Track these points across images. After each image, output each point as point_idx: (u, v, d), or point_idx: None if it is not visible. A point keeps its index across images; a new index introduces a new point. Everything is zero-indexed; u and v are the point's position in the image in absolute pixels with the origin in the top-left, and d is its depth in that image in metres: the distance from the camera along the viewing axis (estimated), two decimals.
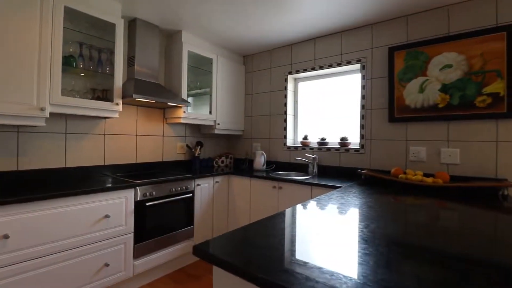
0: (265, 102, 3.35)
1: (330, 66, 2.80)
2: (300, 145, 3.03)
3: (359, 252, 0.81)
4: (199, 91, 3.13)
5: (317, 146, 2.87)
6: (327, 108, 3.02)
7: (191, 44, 2.83)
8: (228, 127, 3.28)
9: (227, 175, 2.91)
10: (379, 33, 2.51)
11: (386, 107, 2.44)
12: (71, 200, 1.71)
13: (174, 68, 2.81)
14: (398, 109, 2.37)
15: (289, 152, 3.10)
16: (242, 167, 3.32)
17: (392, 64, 2.40)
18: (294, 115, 3.23)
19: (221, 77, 3.16)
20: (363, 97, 2.58)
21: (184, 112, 2.73)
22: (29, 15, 1.71)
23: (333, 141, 2.86)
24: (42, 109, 1.74)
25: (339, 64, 2.74)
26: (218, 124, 3.12)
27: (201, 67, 3.05)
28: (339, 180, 2.39)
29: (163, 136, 2.92)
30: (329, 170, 2.76)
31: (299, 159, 2.81)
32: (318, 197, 1.62)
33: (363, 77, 2.59)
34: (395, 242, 0.90)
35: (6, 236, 1.45)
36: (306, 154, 2.87)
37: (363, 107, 2.58)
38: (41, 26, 1.76)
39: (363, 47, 2.59)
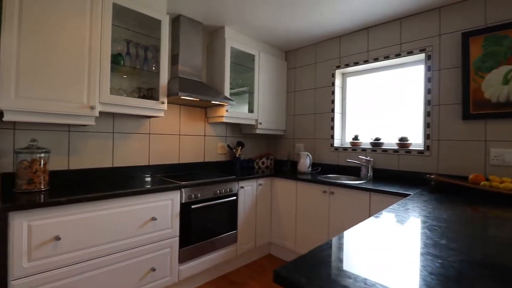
0: (309, 99, 3.13)
1: (387, 57, 2.51)
2: (350, 146, 2.76)
3: None
4: (239, 89, 3.01)
5: (371, 147, 2.59)
6: (381, 105, 2.72)
7: (234, 40, 2.71)
8: (270, 127, 3.12)
9: (270, 178, 2.74)
10: (448, 17, 2.17)
11: (459, 102, 2.10)
12: (120, 201, 1.65)
13: (216, 65, 2.71)
14: (474, 104, 2.03)
15: (337, 154, 2.85)
16: (284, 169, 3.14)
17: (467, 52, 2.06)
18: (342, 113, 2.98)
19: (263, 74, 3.01)
20: (428, 91, 2.26)
21: (227, 111, 2.61)
22: (79, 14, 1.69)
23: (389, 141, 2.56)
24: (92, 108, 1.71)
25: (397, 55, 2.44)
26: (260, 123, 2.97)
27: (242, 64, 2.92)
28: (399, 185, 2.11)
29: (204, 136, 2.83)
30: (385, 174, 2.47)
31: (351, 161, 2.56)
32: (391, 207, 1.38)
33: (428, 69, 2.27)
34: None
35: (57, 238, 1.42)
36: (359, 156, 2.60)
37: (428, 102, 2.26)
38: (91, 24, 1.74)
39: (428, 34, 2.27)
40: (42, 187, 1.61)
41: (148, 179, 2.21)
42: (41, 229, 1.38)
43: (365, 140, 2.72)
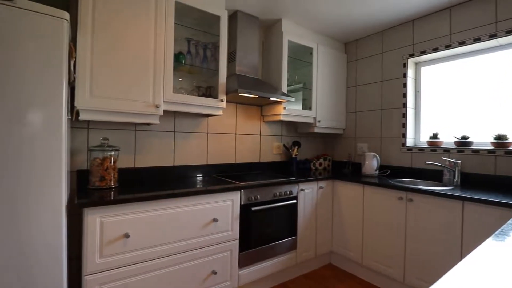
0: (374, 94, 2.81)
1: (477, 40, 2.09)
2: (427, 145, 2.39)
3: None
4: (295, 86, 2.83)
5: (456, 147, 2.19)
6: (468, 98, 2.29)
7: (291, 33, 2.55)
8: (329, 125, 2.88)
9: (331, 180, 2.51)
10: None
11: None
12: (184, 200, 1.62)
13: (273, 61, 2.59)
14: None
15: (409, 155, 2.49)
16: (344, 171, 2.87)
17: None
18: (415, 109, 2.60)
19: (321, 68, 2.79)
20: None
21: (284, 108, 2.47)
22: (145, 14, 1.70)
23: (480, 140, 2.14)
24: (157, 107, 1.72)
25: (492, 36, 2.02)
26: (319, 121, 2.76)
27: (299, 59, 2.75)
28: (500, 194, 1.70)
29: (260, 135, 2.73)
30: (476, 179, 2.06)
31: (433, 163, 2.18)
32: (510, 221, 1.07)
33: None
34: None
35: (127, 235, 1.42)
36: (442, 158, 2.22)
37: None
38: (156, 24, 1.75)
39: None
40: (112, 184, 1.65)
41: (207, 178, 2.17)
42: (112, 225, 1.39)
43: (447, 139, 2.32)
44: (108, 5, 1.57)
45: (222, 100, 2.06)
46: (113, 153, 1.67)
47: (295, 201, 2.20)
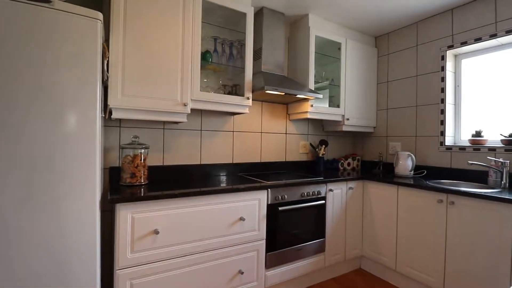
0: (408, 90, 2.65)
1: None
2: (469, 144, 2.20)
3: None
4: (323, 83, 2.73)
5: (503, 145, 1.99)
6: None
7: (318, 28, 2.47)
8: (358, 123, 2.76)
9: (362, 180, 2.39)
10: None
11: None
12: (212, 198, 1.62)
13: (299, 57, 2.52)
14: None
15: (449, 154, 2.31)
16: (374, 171, 2.73)
17: None
18: (455, 104, 2.41)
19: (350, 64, 2.68)
20: None
21: (312, 105, 2.39)
22: (173, 13, 1.72)
23: None
24: (185, 105, 1.73)
25: None
26: (347, 119, 2.65)
27: (326, 54, 2.65)
28: None
29: (286, 133, 2.67)
30: None
31: (476, 163, 1.99)
32: None
33: None
34: None
35: (156, 232, 1.43)
36: (488, 157, 2.03)
37: None
38: (184, 22, 1.76)
39: None
40: (142, 181, 1.69)
41: (233, 177, 2.16)
42: (143, 221, 1.41)
43: (492, 138, 2.12)
44: (138, 5, 1.60)
45: (248, 98, 2.03)
46: (143, 150, 1.70)
47: (323, 201, 2.12)
